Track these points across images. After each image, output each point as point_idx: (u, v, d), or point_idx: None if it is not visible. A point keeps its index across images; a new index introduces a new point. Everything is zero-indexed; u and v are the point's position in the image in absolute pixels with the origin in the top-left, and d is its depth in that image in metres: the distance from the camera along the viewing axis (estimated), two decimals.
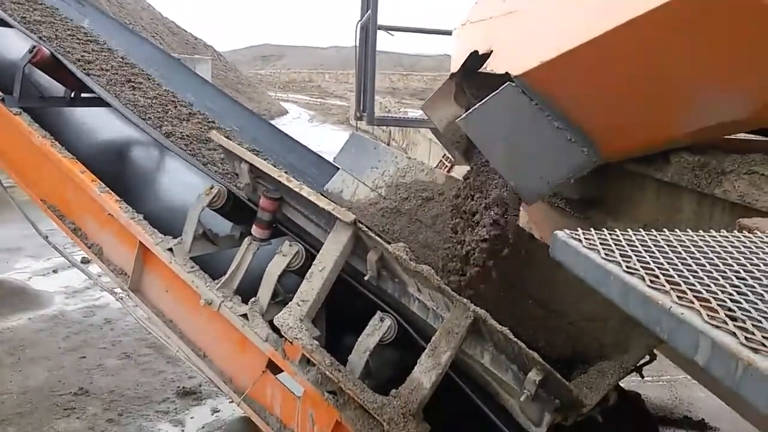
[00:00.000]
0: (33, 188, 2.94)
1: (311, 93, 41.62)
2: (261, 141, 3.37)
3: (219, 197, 2.36)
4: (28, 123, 2.82)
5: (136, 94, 3.16)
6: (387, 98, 23.44)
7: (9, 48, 3.68)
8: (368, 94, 3.63)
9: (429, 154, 12.00)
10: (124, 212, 2.50)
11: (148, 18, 24.43)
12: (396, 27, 3.86)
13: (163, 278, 2.50)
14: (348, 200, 2.84)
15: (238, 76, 27.77)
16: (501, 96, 1.91)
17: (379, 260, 1.98)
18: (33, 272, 6.56)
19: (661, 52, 1.63)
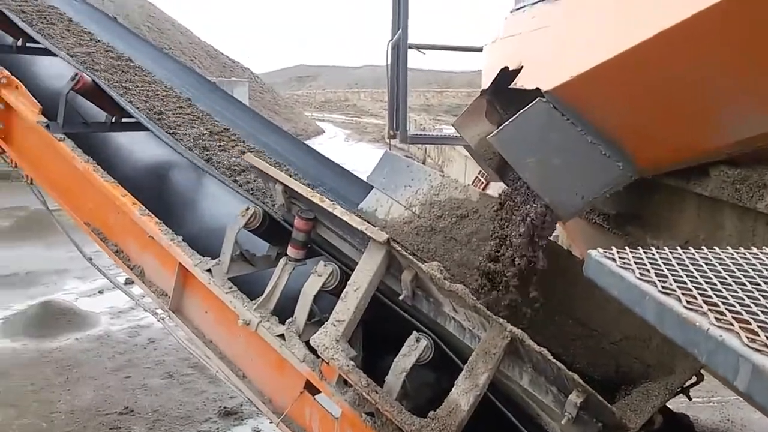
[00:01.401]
0: (77, 211, 3.03)
1: (346, 112, 42.03)
2: (296, 161, 3.41)
3: (255, 218, 2.39)
4: (71, 148, 2.91)
5: (175, 118, 3.24)
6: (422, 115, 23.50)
7: (54, 76, 3.83)
8: (401, 113, 3.65)
9: (465, 170, 11.96)
10: (164, 234, 2.55)
11: (186, 43, 25.12)
12: (427, 45, 3.88)
13: (202, 299, 2.54)
14: (382, 219, 2.85)
15: (275, 97, 28.25)
16: (532, 112, 1.90)
17: (413, 279, 1.97)
18: (80, 293, 6.76)
19: (696, 62, 1.60)
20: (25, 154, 3.28)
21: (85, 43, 3.75)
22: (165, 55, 4.52)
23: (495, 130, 2.11)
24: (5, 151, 3.32)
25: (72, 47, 3.57)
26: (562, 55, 2.02)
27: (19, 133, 3.26)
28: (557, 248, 2.45)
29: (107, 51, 3.72)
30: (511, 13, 2.86)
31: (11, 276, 7.15)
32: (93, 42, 3.82)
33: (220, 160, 2.97)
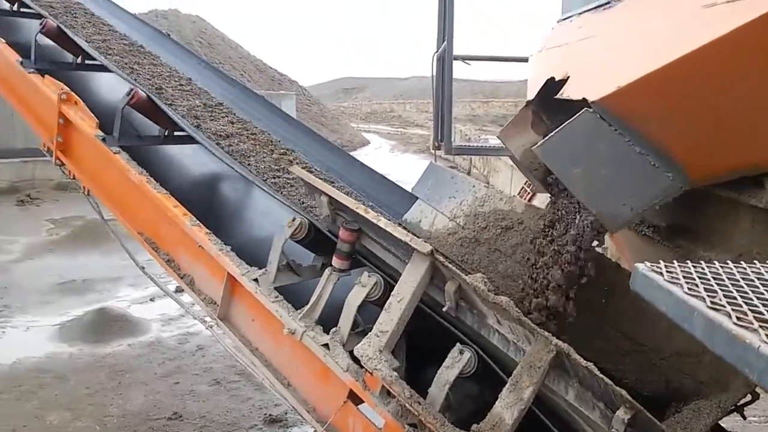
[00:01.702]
0: (130, 221, 3.13)
1: (392, 123, 42.22)
2: (341, 173, 3.45)
3: (301, 229, 2.42)
4: (126, 161, 3.02)
5: (224, 131, 3.33)
6: (467, 126, 23.43)
7: (111, 91, 3.99)
8: (445, 124, 3.66)
9: (510, 181, 11.85)
10: (213, 244, 2.61)
11: (236, 57, 25.74)
12: (472, 56, 3.88)
13: (249, 308, 2.59)
14: (426, 230, 2.85)
15: (322, 109, 28.62)
16: (578, 122, 1.87)
17: (457, 291, 1.96)
18: (132, 300, 6.97)
19: (751, 69, 1.55)
20: (83, 166, 3.42)
21: (142, 59, 3.90)
22: (215, 69, 4.65)
23: (540, 141, 2.09)
24: (64, 163, 3.47)
25: (129, 63, 3.71)
26: (610, 64, 1.99)
27: (78, 147, 3.40)
28: (605, 261, 2.40)
29: (161, 66, 3.85)
30: (557, 23, 2.84)
31: (68, 283, 7.43)
32: (146, 57, 3.97)
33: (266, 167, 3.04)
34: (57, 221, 10.72)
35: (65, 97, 3.33)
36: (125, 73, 3.60)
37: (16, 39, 4.17)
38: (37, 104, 3.68)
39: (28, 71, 3.68)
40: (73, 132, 3.38)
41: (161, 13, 25.37)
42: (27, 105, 3.85)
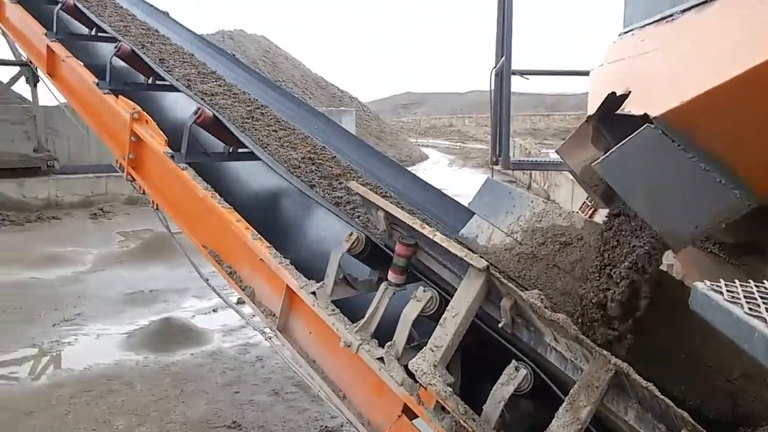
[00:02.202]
0: (196, 235, 3.25)
1: (451, 138, 42.14)
2: (399, 188, 3.48)
3: (358, 243, 2.47)
4: (192, 177, 3.15)
5: (285, 148, 3.43)
6: (527, 140, 23.13)
7: (179, 110, 4.17)
8: (503, 139, 3.64)
9: (571, 195, 11.61)
10: (274, 258, 2.68)
11: (299, 75, 26.33)
12: (531, 71, 3.86)
13: (307, 320, 2.64)
14: (483, 246, 2.84)
15: (381, 124, 28.86)
16: (639, 138, 1.84)
17: (513, 307, 1.95)
18: (196, 311, 7.18)
19: None
20: (152, 182, 3.58)
21: (211, 79, 4.07)
22: (275, 86, 4.78)
23: (601, 157, 2.06)
24: (135, 179, 3.65)
25: (197, 82, 3.88)
26: (673, 78, 1.95)
27: (148, 163, 3.57)
28: (669, 279, 2.33)
29: (227, 86, 4.00)
30: (619, 37, 2.80)
31: (137, 293, 7.73)
32: (215, 77, 4.14)
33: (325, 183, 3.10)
34: (127, 234, 11.19)
35: (137, 116, 3.51)
36: (192, 92, 3.76)
37: (93, 61, 4.42)
38: (111, 123, 3.89)
39: (104, 92, 3.90)
40: (144, 149, 3.55)
41: (227, 34, 26.28)
42: (102, 123, 4.08)
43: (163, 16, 5.78)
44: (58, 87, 4.83)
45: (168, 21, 5.69)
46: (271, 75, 23.41)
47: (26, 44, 5.48)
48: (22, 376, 5.53)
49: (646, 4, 2.47)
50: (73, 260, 9.32)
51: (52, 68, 4.77)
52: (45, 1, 5.47)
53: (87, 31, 4.93)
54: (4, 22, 5.91)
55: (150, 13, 5.83)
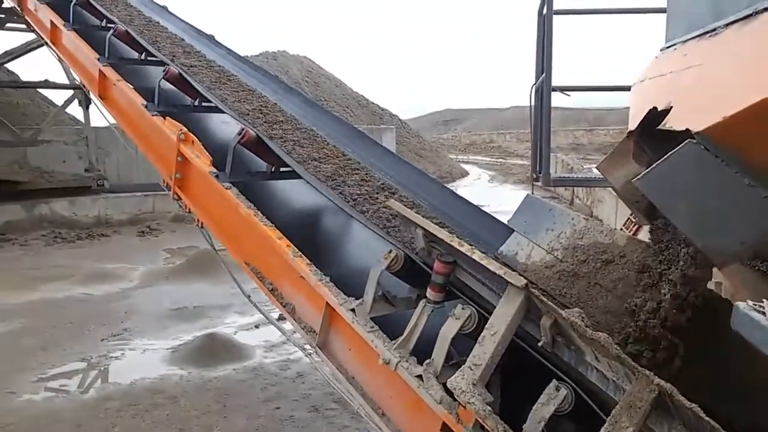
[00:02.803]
0: (239, 252, 3.32)
1: (492, 154, 41.92)
2: (437, 205, 3.49)
3: (396, 261, 2.48)
4: (236, 195, 3.23)
5: (325, 165, 3.48)
6: (570, 155, 22.83)
7: (221, 130, 4.28)
8: (544, 156, 3.62)
9: (615, 212, 11.39)
10: (313, 275, 2.72)
11: (340, 94, 26.67)
12: (572, 87, 3.83)
13: (346, 337, 2.66)
14: (523, 263, 2.81)
15: (421, 141, 28.92)
16: (681, 154, 1.81)
17: (553, 326, 1.93)
18: (238, 327, 7.29)
19: None
20: (197, 201, 3.68)
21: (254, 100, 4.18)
22: (317, 106, 4.86)
23: (642, 173, 2.04)
24: (181, 197, 3.75)
25: (241, 105, 3.99)
26: (715, 93, 1.92)
27: (193, 182, 3.67)
28: (716, 297, 2.27)
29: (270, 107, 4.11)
30: (660, 51, 2.76)
31: (182, 309, 7.90)
32: (259, 97, 4.26)
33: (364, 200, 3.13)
34: (173, 251, 11.48)
35: (183, 137, 3.62)
36: (236, 113, 3.86)
37: (142, 84, 4.59)
38: (158, 143, 4.02)
39: (152, 114, 4.03)
40: (190, 169, 3.65)
41: (271, 55, 26.84)
42: (150, 144, 4.22)
43: (209, 40, 5.97)
44: (109, 109, 5.02)
45: (214, 44, 5.86)
46: (313, 94, 23.78)
47: (79, 68, 5.72)
48: (72, 389, 5.71)
49: (688, 18, 2.44)
50: (121, 276, 9.60)
51: (103, 91, 4.96)
52: (98, 28, 5.72)
53: (137, 55, 5.12)
54: (60, 47, 6.19)
55: (197, 37, 6.03)
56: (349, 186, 3.28)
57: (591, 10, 3.63)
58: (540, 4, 3.54)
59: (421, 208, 3.30)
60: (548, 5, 3.44)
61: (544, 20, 3.53)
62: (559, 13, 3.51)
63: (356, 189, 3.28)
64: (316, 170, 3.37)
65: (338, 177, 3.36)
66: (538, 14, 3.61)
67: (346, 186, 3.27)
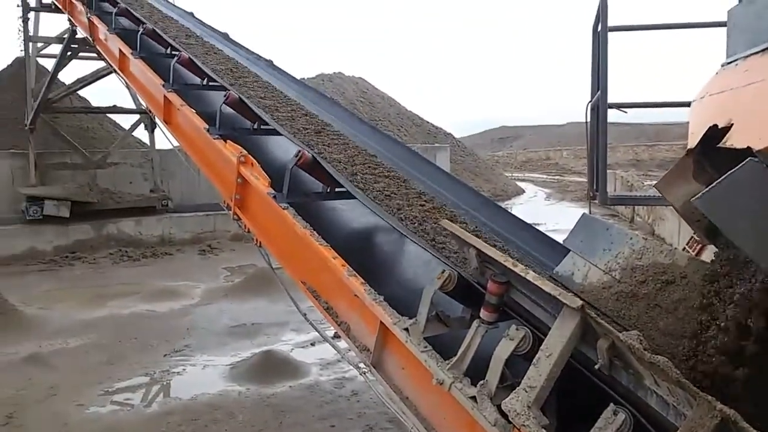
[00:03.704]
0: (295, 271, 3.40)
1: (548, 171, 41.25)
2: (491, 224, 3.48)
3: (450, 281, 2.48)
4: (292, 216, 3.31)
5: (379, 185, 3.53)
6: (630, 171, 22.24)
7: (279, 152, 4.40)
8: (600, 174, 3.56)
9: (678, 230, 11.01)
10: (368, 294, 2.75)
11: (394, 113, 26.87)
12: (629, 104, 3.76)
13: (400, 356, 2.67)
14: (579, 284, 2.77)
15: (476, 159, 28.77)
16: (742, 172, 1.76)
17: (610, 348, 1.89)
18: (295, 344, 7.39)
19: None
20: (256, 221, 3.79)
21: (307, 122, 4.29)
22: (369, 125, 4.93)
23: (701, 192, 1.99)
24: (241, 218, 3.87)
25: (300, 128, 4.11)
26: None
27: (252, 203, 3.78)
28: None
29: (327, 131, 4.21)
30: (721, 67, 2.69)
31: (240, 326, 8.08)
32: (314, 120, 4.37)
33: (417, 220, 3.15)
34: (233, 269, 11.77)
35: (243, 160, 3.74)
36: (293, 136, 3.97)
37: (204, 108, 4.78)
38: (219, 166, 4.17)
39: (213, 137, 4.19)
40: (249, 190, 3.77)
41: (327, 77, 27.36)
42: (211, 166, 4.38)
43: (268, 64, 6.16)
44: (173, 133, 5.24)
45: (272, 68, 6.05)
46: (368, 114, 24.06)
47: (146, 94, 6.01)
48: (135, 403, 5.91)
49: (750, 33, 2.37)
50: (183, 294, 9.90)
51: (168, 116, 5.19)
52: (163, 55, 6.00)
53: (199, 81, 5.34)
54: (128, 74, 6.52)
55: (255, 61, 6.24)
56: (403, 206, 3.32)
57: (647, 26, 3.57)
58: (594, 21, 3.51)
59: (474, 228, 3.30)
60: (603, 22, 3.41)
61: (598, 37, 3.50)
62: (614, 29, 3.47)
63: (409, 209, 3.31)
64: (370, 190, 3.42)
65: (392, 197, 3.40)
66: (592, 31, 3.57)
67: (400, 206, 3.31)
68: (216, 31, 7.32)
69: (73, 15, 9.42)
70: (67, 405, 5.73)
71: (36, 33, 14.40)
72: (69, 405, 5.73)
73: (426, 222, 3.19)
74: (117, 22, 7.15)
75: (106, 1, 8.21)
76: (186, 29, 6.99)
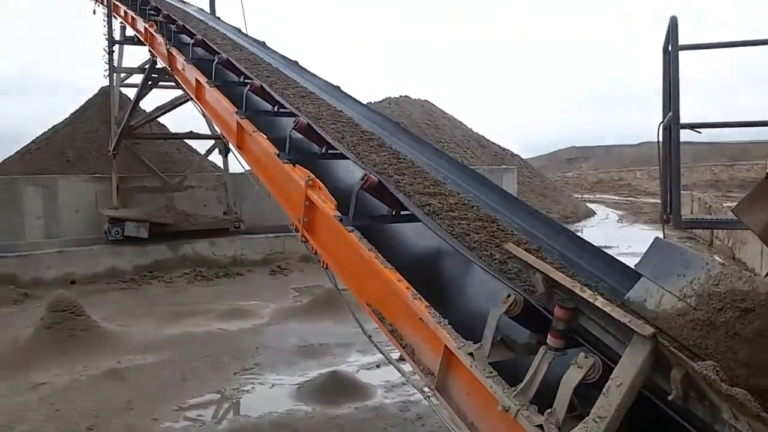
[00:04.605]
0: (360, 293, 3.44)
1: (620, 192, 40.02)
2: (558, 247, 3.42)
3: (516, 305, 2.45)
4: (358, 239, 3.37)
5: (442, 208, 3.54)
6: (707, 192, 21.27)
7: (346, 176, 4.49)
8: (674, 197, 3.44)
9: (761, 254, 10.43)
10: (432, 317, 2.75)
11: (460, 135, 26.84)
12: (702, 124, 3.63)
13: (464, 381, 2.65)
14: (652, 310, 2.68)
15: (544, 181, 28.28)
16: None
17: (684, 379, 1.82)
18: (360, 366, 7.43)
19: None
20: (323, 243, 3.87)
21: (374, 146, 4.36)
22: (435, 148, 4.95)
23: None
24: (308, 240, 3.96)
25: (365, 152, 4.18)
26: None
27: (319, 225, 3.87)
28: None
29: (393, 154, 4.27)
30: None
31: (307, 346, 8.20)
32: (380, 144, 4.44)
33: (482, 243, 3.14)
34: (301, 289, 11.99)
35: (311, 183, 3.84)
36: (359, 159, 4.04)
37: (274, 134, 4.94)
38: (288, 189, 4.30)
39: (283, 161, 4.33)
40: (316, 213, 3.86)
41: (393, 100, 27.70)
42: (281, 189, 4.51)
43: (336, 90, 6.32)
44: (245, 157, 5.44)
45: (340, 94, 6.20)
46: (434, 136, 24.13)
47: (220, 120, 6.27)
48: (207, 419, 6.08)
49: None
50: (254, 313, 10.15)
51: (240, 141, 5.39)
52: (236, 84, 6.26)
53: (270, 107, 5.53)
54: (203, 102, 6.84)
55: (325, 87, 6.41)
56: (468, 229, 3.31)
57: (719, 43, 3.45)
58: (665, 40, 3.42)
59: (540, 251, 3.25)
60: (673, 41, 3.32)
61: (669, 57, 3.41)
62: (685, 48, 3.37)
63: (474, 231, 3.30)
64: (433, 213, 3.44)
65: (457, 220, 3.40)
66: (663, 51, 3.48)
67: (465, 229, 3.30)
68: (286, 59, 7.58)
69: (154, 46, 9.97)
70: (142, 419, 5.95)
71: (120, 64, 15.31)
72: (144, 419, 5.96)
73: (491, 245, 3.17)
74: (194, 52, 7.52)
75: (184, 32, 8.67)
76: (258, 58, 7.28)
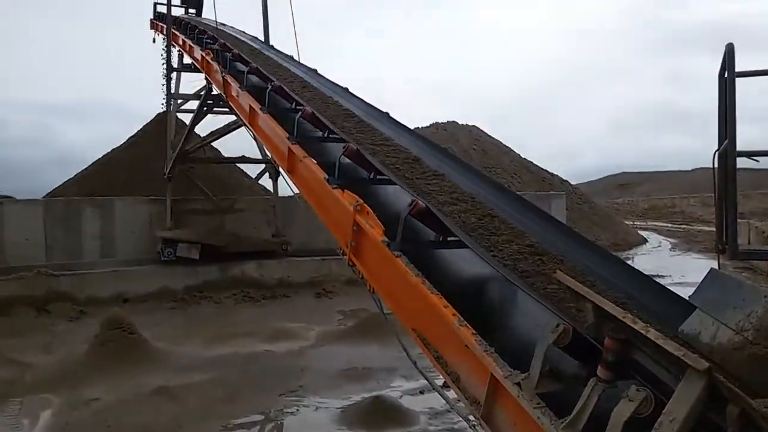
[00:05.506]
0: (406, 318, 3.44)
1: (673, 219, 38.87)
2: (608, 277, 3.36)
3: (565, 335, 2.42)
4: (405, 264, 3.38)
5: (491, 235, 3.53)
6: (766, 221, 20.43)
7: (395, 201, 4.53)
8: (729, 226, 3.34)
9: None
10: (479, 345, 2.73)
11: (507, 161, 26.69)
12: (760, 152, 3.53)
13: (511, 411, 2.61)
14: (707, 344, 2.60)
15: (593, 207, 27.76)
16: None
17: (741, 416, 1.76)
18: (404, 391, 7.39)
19: None
20: (369, 267, 3.90)
21: (421, 171, 4.39)
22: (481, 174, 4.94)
23: None
24: (355, 264, 4.00)
25: (413, 178, 4.22)
26: None
27: (366, 250, 3.90)
28: None
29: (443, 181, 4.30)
30: None
31: (351, 370, 8.20)
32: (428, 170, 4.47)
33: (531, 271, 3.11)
34: (346, 313, 12.03)
35: (359, 209, 3.89)
36: (407, 185, 4.08)
37: (323, 159, 5.03)
38: (336, 213, 4.36)
39: (332, 186, 4.40)
40: (364, 237, 3.90)
41: (441, 126, 27.85)
42: (329, 213, 4.58)
43: (384, 116, 6.40)
44: (295, 181, 5.55)
45: (388, 120, 6.28)
46: (481, 161, 24.08)
47: (271, 145, 6.42)
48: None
49: None
50: (300, 335, 10.24)
51: (291, 166, 5.51)
52: (288, 110, 6.41)
53: (320, 133, 5.64)
54: (256, 127, 7.02)
55: (372, 113, 6.50)
56: (515, 255, 3.29)
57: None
58: (720, 66, 3.35)
59: (591, 280, 3.20)
60: (729, 68, 3.25)
61: (725, 83, 3.34)
62: (741, 75, 3.30)
63: (522, 259, 3.28)
64: (483, 239, 3.43)
65: (505, 247, 3.39)
66: (718, 77, 3.42)
67: (512, 255, 3.28)
68: (337, 86, 7.72)
69: (210, 74, 10.32)
70: None
71: (177, 91, 15.89)
72: None
73: (540, 273, 3.14)
74: (248, 79, 7.75)
75: (239, 60, 8.95)
76: (309, 85, 7.45)
